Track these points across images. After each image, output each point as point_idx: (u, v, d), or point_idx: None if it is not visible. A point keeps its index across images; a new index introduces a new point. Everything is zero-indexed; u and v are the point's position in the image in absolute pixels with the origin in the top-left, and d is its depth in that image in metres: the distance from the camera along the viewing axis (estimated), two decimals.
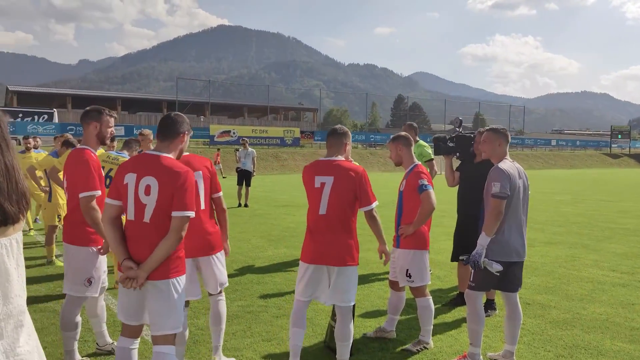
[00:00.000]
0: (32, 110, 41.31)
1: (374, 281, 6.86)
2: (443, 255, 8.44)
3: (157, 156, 3.10)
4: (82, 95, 63.36)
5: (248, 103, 71.75)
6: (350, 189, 3.81)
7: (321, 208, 3.84)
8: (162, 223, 3.01)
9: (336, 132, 4.07)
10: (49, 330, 4.86)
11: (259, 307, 5.68)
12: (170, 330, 3.07)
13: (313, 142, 47.84)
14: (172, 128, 3.22)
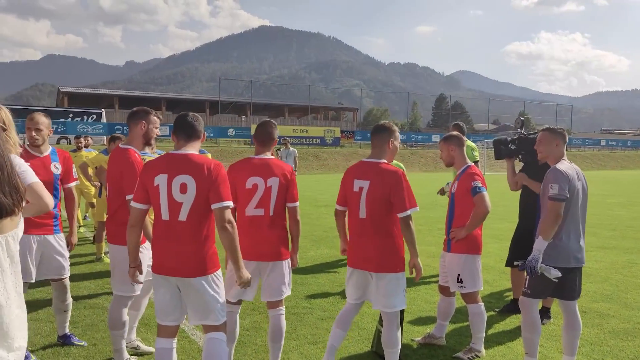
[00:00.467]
0: (81, 110, 42.72)
1: (420, 285, 6.70)
2: (491, 258, 8.19)
3: (186, 155, 3.18)
4: (129, 95, 65.22)
5: (289, 103, 72.24)
6: (385, 193, 3.64)
7: (361, 212, 3.74)
8: (197, 220, 3.10)
9: (379, 130, 3.88)
10: (98, 327, 4.92)
11: (303, 308, 5.62)
12: (214, 322, 3.19)
13: (353, 142, 47.66)
14: (196, 128, 3.30)
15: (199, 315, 3.18)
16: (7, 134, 2.80)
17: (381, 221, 3.68)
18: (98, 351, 4.36)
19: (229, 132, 43.13)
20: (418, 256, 3.76)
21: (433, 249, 8.78)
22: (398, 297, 3.75)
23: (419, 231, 11.13)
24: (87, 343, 4.50)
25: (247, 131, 42.70)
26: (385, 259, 3.68)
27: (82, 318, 5.15)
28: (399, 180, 3.64)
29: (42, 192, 2.64)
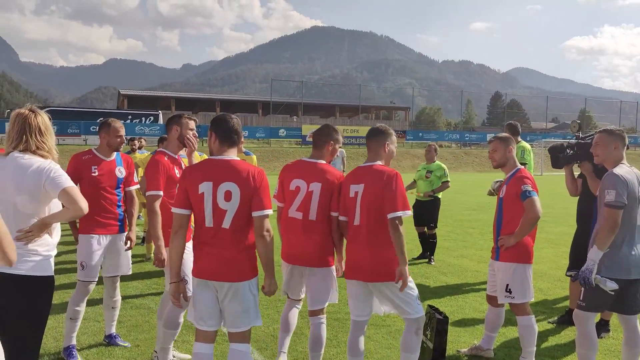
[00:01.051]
0: (139, 112, 44.21)
1: (469, 292, 6.45)
2: (545, 264, 7.82)
3: (229, 161, 3.16)
4: (184, 97, 67.01)
5: (340, 102, 72.16)
6: (379, 195, 3.48)
7: (355, 219, 3.57)
8: (240, 227, 3.10)
9: (375, 134, 3.74)
10: (143, 328, 4.99)
11: (346, 314, 5.50)
12: (246, 327, 3.15)
13: (405, 142, 47.07)
14: (240, 134, 3.31)
15: (233, 320, 3.14)
16: (43, 140, 2.82)
17: (375, 228, 3.51)
18: (140, 352, 4.41)
19: (280, 132, 43.53)
20: (406, 264, 3.45)
21: (484, 254, 8.47)
22: (410, 302, 3.63)
23: (470, 234, 10.79)
24: (130, 344, 4.57)
25: (298, 131, 42.96)
26: (385, 268, 3.50)
27: (128, 318, 5.25)
28: (391, 180, 3.48)
29: (76, 197, 2.67)
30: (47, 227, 2.72)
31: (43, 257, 2.74)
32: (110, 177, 4.37)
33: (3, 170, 2.75)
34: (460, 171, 39.38)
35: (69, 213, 2.70)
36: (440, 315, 4.18)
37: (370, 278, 3.54)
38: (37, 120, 2.83)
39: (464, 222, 12.56)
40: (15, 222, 2.69)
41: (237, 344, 3.15)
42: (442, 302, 5.99)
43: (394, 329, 5.04)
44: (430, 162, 8.18)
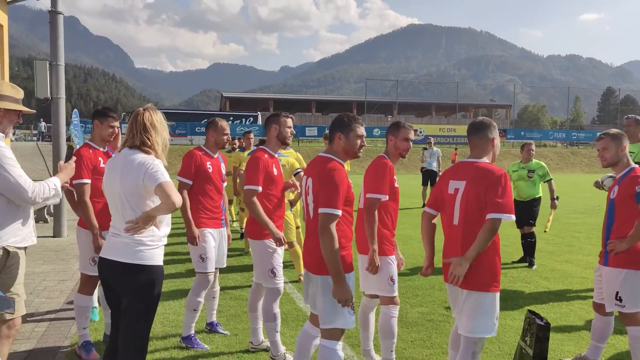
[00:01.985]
0: (240, 113, 46.13)
1: (574, 299, 6.06)
2: None
3: (321, 158, 3.24)
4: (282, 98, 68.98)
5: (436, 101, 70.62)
6: (480, 195, 3.13)
7: (454, 218, 3.27)
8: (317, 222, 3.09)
9: (478, 128, 3.33)
10: (241, 318, 5.22)
11: (440, 315, 5.40)
12: (323, 324, 3.12)
13: (505, 141, 45.03)
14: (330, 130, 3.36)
15: (319, 314, 3.20)
16: (147, 136, 2.96)
17: (476, 230, 3.14)
18: (238, 341, 4.61)
19: (374, 132, 43.41)
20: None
21: (592, 260, 7.91)
22: (482, 321, 3.14)
23: (577, 238, 10.12)
24: (230, 332, 4.79)
25: None
26: (479, 275, 3.13)
27: (227, 308, 5.51)
28: (499, 180, 3.10)
29: (170, 192, 2.79)
30: (151, 219, 2.90)
31: (149, 247, 2.93)
32: (219, 173, 4.62)
33: (114, 166, 3.00)
34: (567, 172, 37.03)
35: (163, 207, 2.84)
36: (541, 320, 3.96)
37: (465, 285, 3.17)
38: (143, 117, 3.00)
39: (570, 225, 11.81)
40: (124, 214, 2.92)
41: (324, 339, 3.15)
42: (544, 308, 5.68)
43: None
44: (527, 162, 7.82)
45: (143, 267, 2.91)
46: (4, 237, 3.18)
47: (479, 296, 3.13)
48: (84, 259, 4.30)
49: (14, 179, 3.10)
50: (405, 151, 4.00)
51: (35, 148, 25.87)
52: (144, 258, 2.92)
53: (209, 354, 4.32)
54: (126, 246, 2.90)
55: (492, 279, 3.16)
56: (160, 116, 3.07)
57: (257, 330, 4.44)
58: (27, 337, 4.61)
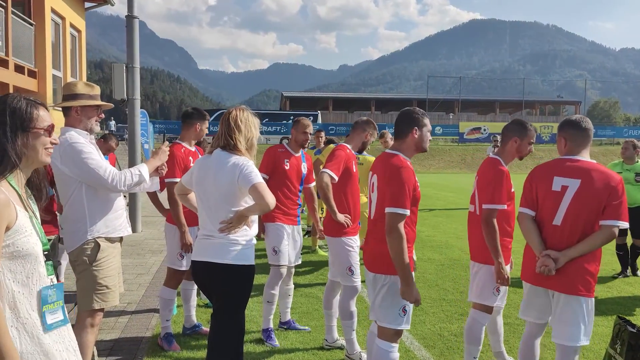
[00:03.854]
0: (299, 112, 46.49)
1: None
2: None
3: (386, 154, 3.19)
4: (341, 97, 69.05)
5: (500, 98, 68.46)
6: (598, 198, 2.97)
7: (556, 217, 3.10)
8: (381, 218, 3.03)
9: (581, 125, 3.20)
10: (313, 315, 5.25)
11: (517, 319, 5.21)
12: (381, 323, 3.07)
13: None
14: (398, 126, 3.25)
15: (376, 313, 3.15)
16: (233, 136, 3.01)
17: (583, 231, 3.01)
18: (312, 338, 4.64)
19: (437, 130, 42.65)
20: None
21: None
22: (581, 328, 3.00)
23: None
24: (310, 328, 4.83)
25: (455, 129, 41.74)
26: (582, 279, 3.00)
27: (299, 306, 5.56)
28: (617, 187, 2.98)
29: (264, 193, 2.83)
30: (244, 219, 2.95)
31: (243, 246, 2.99)
32: (297, 171, 4.66)
33: (207, 167, 3.05)
34: None
35: (258, 207, 2.89)
36: (633, 328, 3.74)
37: (562, 288, 3.03)
38: (229, 116, 3.06)
39: None
40: (218, 214, 2.98)
41: (380, 340, 3.11)
42: (633, 315, 5.39)
43: None
44: (631, 162, 6.83)
45: (239, 267, 2.96)
46: (95, 228, 3.25)
47: (580, 301, 3.00)
48: (171, 253, 4.45)
49: (92, 170, 3.12)
50: (527, 154, 3.74)
51: None
52: (240, 258, 2.97)
53: (285, 350, 4.37)
54: (221, 247, 2.96)
55: (593, 284, 3.05)
56: (248, 115, 3.08)
57: (332, 328, 4.45)
58: (111, 328, 4.83)
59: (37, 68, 13.72)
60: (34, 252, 1.81)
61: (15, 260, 1.77)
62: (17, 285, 1.78)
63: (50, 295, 1.86)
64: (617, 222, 2.95)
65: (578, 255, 2.97)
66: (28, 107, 1.85)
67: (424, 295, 5.98)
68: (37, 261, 1.82)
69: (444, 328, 4.92)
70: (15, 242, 1.76)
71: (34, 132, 1.85)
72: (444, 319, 5.19)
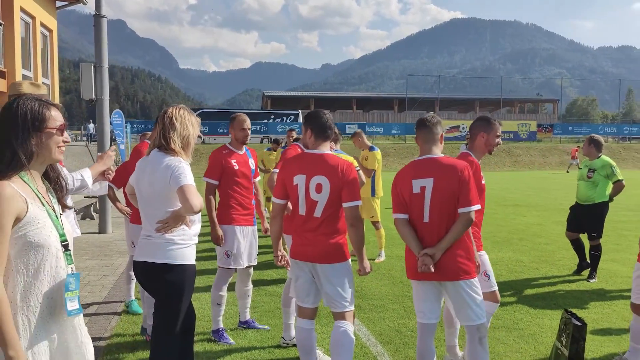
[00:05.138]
0: (280, 112, 46.59)
1: (618, 299, 5.83)
2: None
3: (321, 155, 3.39)
4: (323, 96, 69.29)
5: (479, 96, 69.12)
6: (452, 189, 3.21)
7: (424, 216, 3.29)
8: (331, 217, 3.33)
9: (426, 124, 3.42)
10: (275, 313, 5.26)
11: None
12: (338, 309, 3.36)
13: (552, 136, 43.77)
14: (333, 130, 3.54)
15: (330, 300, 3.40)
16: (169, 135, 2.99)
17: (449, 224, 3.24)
18: (271, 336, 4.67)
19: None
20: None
21: None
22: (475, 307, 3.29)
23: (625, 237, 9.74)
24: (269, 327, 4.85)
25: None
26: (461, 265, 3.25)
27: (262, 304, 5.58)
28: (469, 172, 3.26)
29: (189, 195, 2.78)
30: (181, 218, 2.95)
31: (181, 245, 3.00)
32: (247, 169, 4.60)
33: (144, 168, 3.06)
34: (618, 168, 35.57)
35: (183, 210, 2.86)
36: (578, 321, 3.84)
37: (446, 277, 3.24)
38: (164, 116, 3.05)
39: (618, 223, 11.35)
40: (155, 214, 2.99)
41: (339, 321, 3.37)
42: (585, 308, 5.50)
43: (526, 333, 4.74)
44: (592, 158, 6.83)
45: (175, 266, 2.97)
46: None
47: (464, 284, 3.26)
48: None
49: None
50: (495, 147, 3.89)
51: (85, 148, 26.90)
52: (176, 257, 2.98)
53: (241, 349, 4.39)
54: (158, 246, 2.97)
55: (471, 266, 3.30)
56: (184, 113, 3.05)
57: (290, 326, 4.48)
58: None
59: (6, 68, 13.51)
60: (47, 243, 1.89)
61: (28, 250, 1.86)
62: (29, 275, 1.87)
63: (71, 283, 1.96)
64: (470, 208, 3.21)
65: (448, 245, 3.22)
66: (40, 108, 1.96)
67: (387, 292, 6.05)
68: (49, 252, 1.90)
69: (402, 324, 4.98)
70: (28, 233, 1.85)
71: (47, 131, 1.95)
72: (404, 315, 5.26)
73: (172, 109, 3.09)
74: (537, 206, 14.73)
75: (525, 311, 5.37)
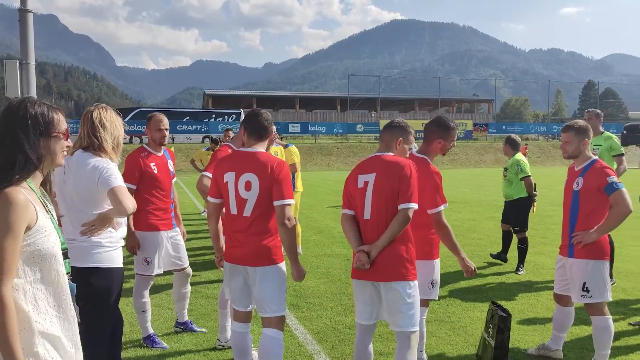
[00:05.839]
0: (222, 111, 45.95)
1: (543, 289, 6.14)
2: (633, 263, 7.28)
3: (254, 153, 3.32)
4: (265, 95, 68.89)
5: (419, 96, 70.89)
6: (392, 185, 3.16)
7: (365, 212, 3.26)
8: (261, 216, 3.25)
9: (388, 126, 3.48)
10: (212, 316, 5.18)
11: None
12: (269, 313, 3.27)
13: (487, 135, 45.44)
14: (268, 130, 3.43)
15: (259, 304, 3.33)
16: (97, 135, 2.93)
17: (386, 221, 3.17)
18: (206, 339, 4.60)
19: (358, 127, 43.54)
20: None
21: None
22: (412, 313, 3.15)
23: (552, 230, 10.25)
24: (207, 330, 4.77)
25: (376, 127, 42.72)
26: (400, 266, 3.14)
27: (198, 307, 5.48)
28: (411, 170, 3.18)
29: (121, 197, 2.74)
30: (108, 221, 2.87)
31: (108, 248, 2.92)
32: (166, 172, 4.43)
33: (67, 168, 2.94)
34: (548, 165, 37.41)
35: (116, 212, 2.80)
36: (503, 312, 4.01)
37: (383, 277, 3.15)
38: (92, 115, 2.96)
39: (545, 217, 11.95)
40: (79, 217, 2.89)
41: (266, 328, 3.30)
42: (513, 299, 5.75)
43: (457, 325, 4.91)
44: (509, 157, 7.17)
45: (103, 269, 2.89)
46: None
47: (400, 286, 3.12)
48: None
49: None
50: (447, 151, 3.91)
51: None
52: (104, 260, 2.90)
53: (175, 353, 4.31)
54: (83, 250, 2.87)
55: (410, 268, 3.17)
56: (111, 114, 3.02)
57: (226, 328, 4.43)
58: None
59: None
60: (54, 251, 1.88)
61: (35, 259, 1.83)
62: (37, 283, 1.85)
63: (72, 291, 1.99)
64: (408, 205, 3.11)
65: (385, 243, 3.12)
66: (49, 111, 1.93)
67: (325, 290, 6.09)
68: (56, 260, 1.89)
69: (340, 321, 5.03)
70: (36, 242, 1.82)
71: (55, 136, 1.92)
72: (341, 312, 5.31)
73: (98, 109, 3.00)
74: (471, 202, 15.24)
75: (457, 304, 5.56)
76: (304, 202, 15.15)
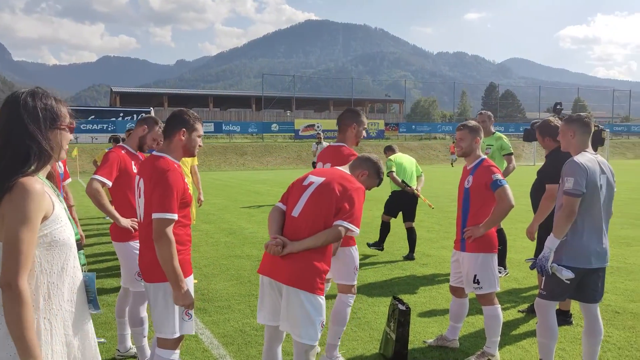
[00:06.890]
0: (131, 109, 43.98)
1: (444, 282, 6.45)
2: (525, 254, 7.82)
3: (157, 157, 3.06)
4: (177, 94, 66.68)
5: (334, 96, 71.96)
6: (333, 198, 3.03)
7: (295, 209, 3.11)
8: (151, 225, 2.89)
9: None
10: (112, 325, 4.96)
11: None
12: (158, 334, 3.01)
13: (398, 134, 47.05)
14: (166, 127, 3.15)
15: (154, 322, 3.04)
16: None
17: (316, 226, 3.01)
18: (106, 349, 4.39)
19: (273, 127, 43.50)
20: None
21: None
22: (312, 328, 2.95)
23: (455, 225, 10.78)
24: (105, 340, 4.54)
25: (291, 126, 42.90)
26: (312, 276, 2.95)
27: (97, 316, 5.22)
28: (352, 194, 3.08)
29: None
30: None
31: None
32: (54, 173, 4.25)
33: None
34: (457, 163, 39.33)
35: None
36: (403, 306, 4.17)
37: (289, 281, 2.93)
38: None
39: (449, 213, 12.56)
40: None
41: (157, 348, 3.04)
42: (415, 293, 5.99)
43: (363, 321, 5.03)
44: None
45: None
46: None
47: (304, 297, 2.92)
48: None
49: None
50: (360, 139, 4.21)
51: None
52: None
53: None
54: None
55: (319, 283, 2.98)
56: None
57: (125, 337, 4.27)
58: None
59: None
60: (70, 242, 1.87)
61: (53, 250, 1.82)
62: (52, 276, 1.82)
63: (89, 284, 1.97)
64: (344, 223, 2.98)
65: (304, 248, 2.94)
66: (57, 104, 1.92)
67: (234, 292, 6.02)
68: (71, 251, 1.87)
69: (247, 324, 4.99)
70: (53, 232, 1.81)
71: (62, 128, 1.92)
72: (249, 314, 5.27)
73: None
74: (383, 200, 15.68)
75: (363, 300, 5.70)
76: (217, 203, 14.91)
